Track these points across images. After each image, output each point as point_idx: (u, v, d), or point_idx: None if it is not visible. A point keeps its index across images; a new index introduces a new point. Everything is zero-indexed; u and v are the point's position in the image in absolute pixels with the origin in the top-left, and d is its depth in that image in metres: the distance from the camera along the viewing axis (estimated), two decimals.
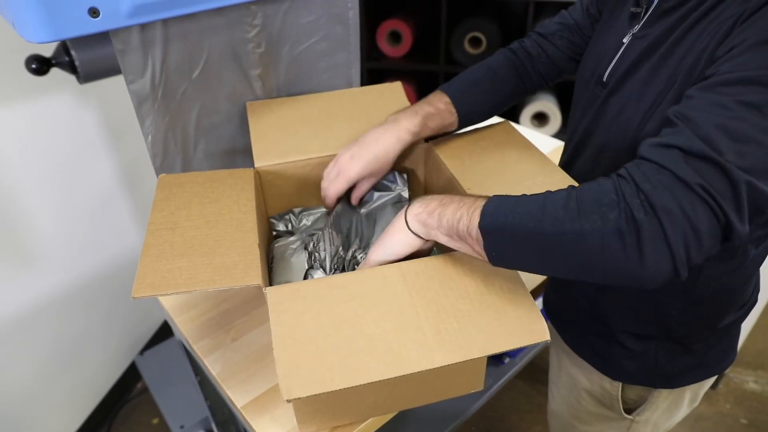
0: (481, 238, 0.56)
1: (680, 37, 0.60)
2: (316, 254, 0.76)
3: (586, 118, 0.75)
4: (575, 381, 0.88)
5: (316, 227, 0.89)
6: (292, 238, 0.86)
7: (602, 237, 0.48)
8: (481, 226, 0.55)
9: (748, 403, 1.71)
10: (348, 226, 0.84)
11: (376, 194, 0.89)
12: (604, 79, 0.70)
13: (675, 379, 0.79)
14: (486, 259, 0.57)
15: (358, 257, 0.80)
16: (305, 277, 0.76)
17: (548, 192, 0.54)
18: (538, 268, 0.57)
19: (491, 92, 0.87)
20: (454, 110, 0.84)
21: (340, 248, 0.78)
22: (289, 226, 0.90)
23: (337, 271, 0.76)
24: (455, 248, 0.62)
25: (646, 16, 0.66)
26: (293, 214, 0.91)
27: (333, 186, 0.80)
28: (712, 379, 0.84)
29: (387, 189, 0.89)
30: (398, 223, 0.66)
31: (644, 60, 0.64)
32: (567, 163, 0.81)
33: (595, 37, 0.79)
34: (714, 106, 0.49)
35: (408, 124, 0.80)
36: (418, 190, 0.99)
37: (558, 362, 0.93)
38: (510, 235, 0.54)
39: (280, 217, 0.90)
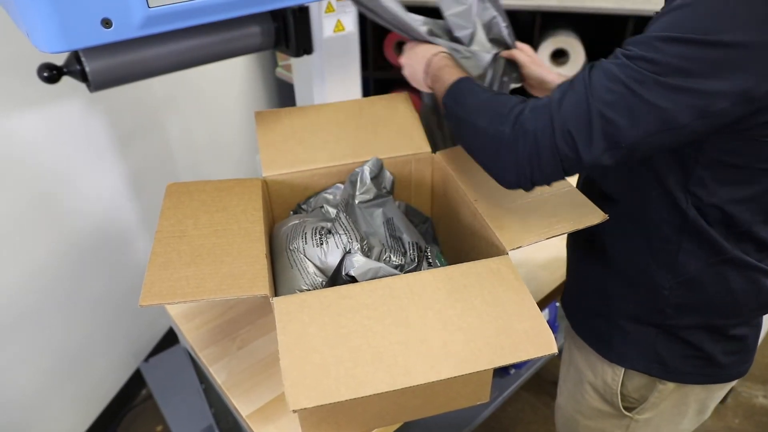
0: (443, 101, 0.78)
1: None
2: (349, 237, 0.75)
3: None
4: (582, 374, 0.89)
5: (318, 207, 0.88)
6: (292, 223, 0.84)
7: (487, 136, 0.67)
8: (444, 100, 0.77)
9: (758, 418, 1.69)
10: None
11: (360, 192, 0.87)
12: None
13: (673, 372, 0.78)
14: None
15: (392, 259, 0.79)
16: (341, 261, 0.74)
17: (495, 92, 0.71)
18: (457, 136, 0.78)
19: None
20: None
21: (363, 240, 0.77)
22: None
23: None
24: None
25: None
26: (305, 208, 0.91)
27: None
28: (721, 391, 0.83)
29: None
30: (422, 57, 0.88)
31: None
32: None
33: None
34: (604, 65, 0.61)
35: None
36: (426, 200, 0.99)
37: (569, 357, 0.95)
38: (455, 113, 0.74)
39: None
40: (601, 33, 2.14)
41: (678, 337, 0.76)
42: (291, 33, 1.12)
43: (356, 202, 0.83)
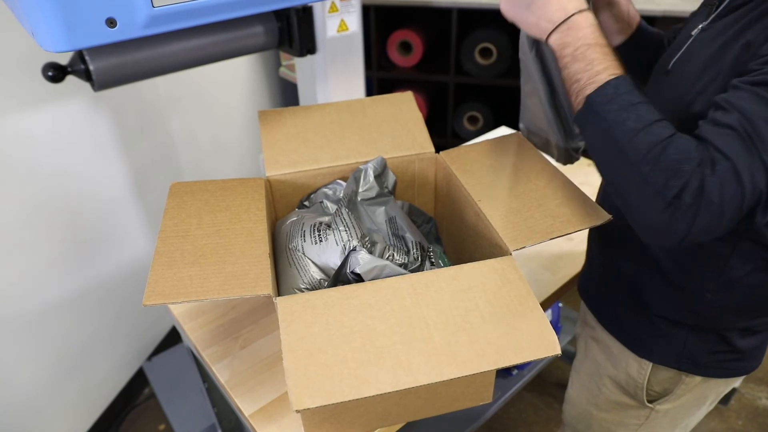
0: (582, 105, 0.64)
1: (740, 30, 0.62)
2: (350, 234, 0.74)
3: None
4: (599, 367, 0.89)
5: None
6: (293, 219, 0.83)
7: (653, 192, 0.56)
8: (589, 99, 0.62)
9: (761, 419, 1.68)
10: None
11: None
12: (669, 67, 0.73)
13: (703, 367, 0.78)
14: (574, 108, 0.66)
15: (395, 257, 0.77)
16: (346, 259, 0.72)
17: (656, 120, 0.59)
18: (597, 160, 0.64)
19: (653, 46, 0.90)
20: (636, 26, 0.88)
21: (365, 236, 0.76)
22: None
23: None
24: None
25: (717, 10, 0.68)
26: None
27: None
28: (736, 382, 0.84)
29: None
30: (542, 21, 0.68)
31: (704, 49, 0.67)
32: None
33: (677, 37, 0.82)
34: (760, 102, 0.55)
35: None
36: (429, 200, 0.99)
37: (585, 349, 0.94)
38: (600, 125, 0.61)
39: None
40: None
41: (711, 335, 0.76)
42: (294, 33, 1.13)
43: (359, 199, 0.83)
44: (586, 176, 1.28)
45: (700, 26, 0.71)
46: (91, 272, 1.49)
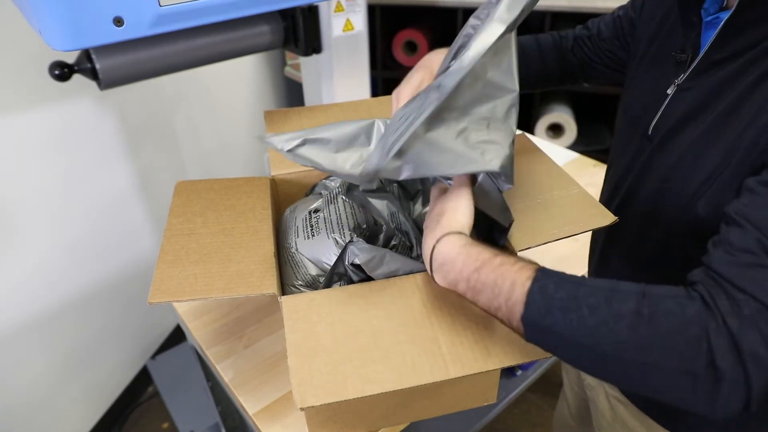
0: (520, 329, 0.50)
1: (739, 101, 0.54)
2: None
3: (631, 173, 0.71)
4: None
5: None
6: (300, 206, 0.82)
7: (674, 376, 0.43)
8: (525, 321, 0.49)
9: None
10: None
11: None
12: (650, 132, 0.66)
13: (743, 428, 0.69)
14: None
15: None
16: (342, 253, 0.68)
17: (611, 293, 0.46)
18: (587, 372, 0.52)
19: (532, 61, 0.87)
20: None
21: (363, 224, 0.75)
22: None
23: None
24: None
25: (693, 65, 0.61)
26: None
27: (410, 78, 0.72)
28: None
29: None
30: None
31: (695, 118, 0.59)
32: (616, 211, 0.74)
33: (637, 81, 0.75)
34: None
35: None
36: None
37: (612, 412, 0.83)
38: (558, 340, 0.48)
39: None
40: None
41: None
42: (300, 32, 1.13)
43: (360, 188, 0.83)
44: (592, 177, 1.27)
45: (676, 83, 0.63)
46: (95, 271, 1.50)
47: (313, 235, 0.74)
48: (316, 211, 0.78)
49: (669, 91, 0.64)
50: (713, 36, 0.57)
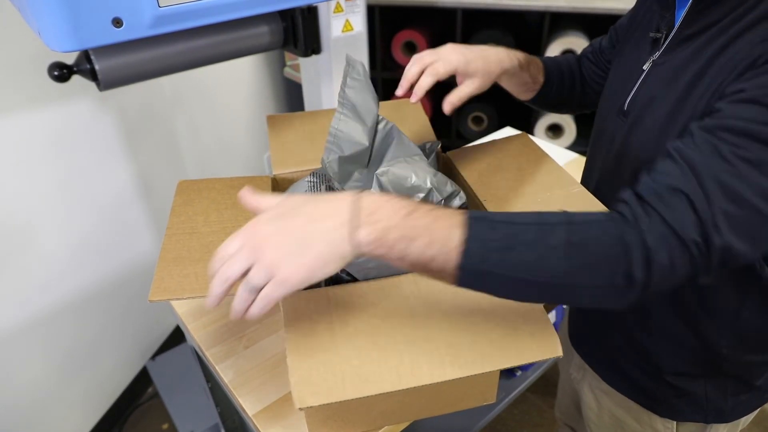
0: (458, 277, 0.49)
1: (702, 70, 0.58)
2: None
3: (610, 151, 0.72)
4: (622, 423, 0.84)
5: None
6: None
7: (600, 292, 0.50)
8: (463, 268, 0.48)
9: (767, 423, 1.68)
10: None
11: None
12: (625, 108, 0.69)
13: (728, 413, 0.76)
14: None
15: None
16: None
17: (541, 228, 0.50)
18: (517, 298, 0.56)
19: (565, 80, 0.88)
20: (542, 74, 0.85)
21: None
22: None
23: None
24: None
25: (667, 42, 0.65)
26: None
27: (427, 71, 0.71)
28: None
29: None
30: (333, 246, 0.49)
31: (666, 90, 0.62)
32: (594, 194, 0.78)
33: (616, 65, 0.77)
34: (714, 155, 0.50)
35: (516, 53, 0.79)
36: None
37: (597, 403, 0.87)
38: (497, 280, 0.50)
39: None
40: None
41: (729, 380, 0.73)
42: (299, 33, 1.13)
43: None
44: None
45: (651, 59, 0.66)
46: (95, 271, 1.50)
47: None
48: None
49: (645, 67, 0.67)
50: (684, 12, 0.62)
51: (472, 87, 0.74)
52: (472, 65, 0.72)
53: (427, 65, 0.73)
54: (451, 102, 0.73)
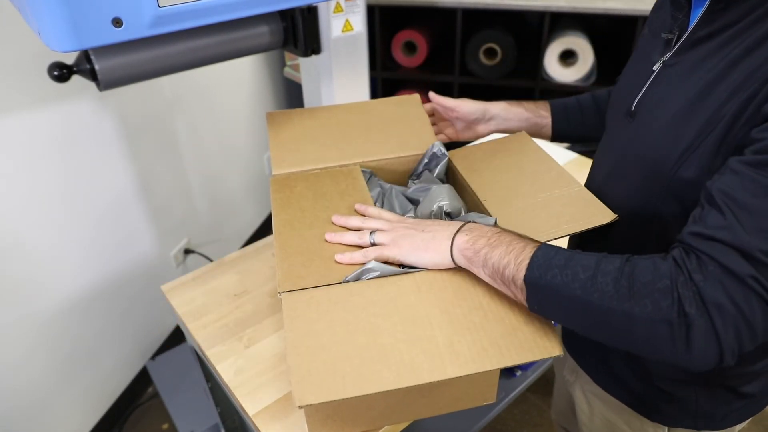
0: (524, 289, 0.58)
1: (722, 72, 0.56)
2: None
3: (616, 151, 0.73)
4: (614, 426, 0.84)
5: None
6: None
7: (651, 324, 0.50)
8: (527, 279, 0.57)
9: (767, 422, 1.68)
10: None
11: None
12: (633, 108, 0.68)
13: (719, 421, 0.76)
14: (526, 305, 0.60)
15: None
16: None
17: (601, 258, 0.55)
18: (577, 329, 0.58)
19: (591, 119, 0.91)
20: (549, 122, 0.93)
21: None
22: None
23: None
24: (495, 287, 0.63)
25: (679, 43, 0.64)
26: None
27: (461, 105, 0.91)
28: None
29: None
30: (441, 245, 0.66)
31: (676, 91, 0.61)
32: (597, 193, 0.77)
33: (627, 67, 0.77)
34: (765, 195, 0.49)
35: (527, 104, 0.93)
36: None
37: (589, 406, 0.88)
38: (555, 295, 0.56)
39: None
40: (610, 34, 2.14)
41: (719, 390, 0.73)
42: (299, 33, 1.13)
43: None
44: None
45: (662, 60, 0.65)
46: (95, 271, 1.50)
47: None
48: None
49: (655, 68, 0.67)
50: (700, 12, 0.61)
51: (490, 126, 0.94)
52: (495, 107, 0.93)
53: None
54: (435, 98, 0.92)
